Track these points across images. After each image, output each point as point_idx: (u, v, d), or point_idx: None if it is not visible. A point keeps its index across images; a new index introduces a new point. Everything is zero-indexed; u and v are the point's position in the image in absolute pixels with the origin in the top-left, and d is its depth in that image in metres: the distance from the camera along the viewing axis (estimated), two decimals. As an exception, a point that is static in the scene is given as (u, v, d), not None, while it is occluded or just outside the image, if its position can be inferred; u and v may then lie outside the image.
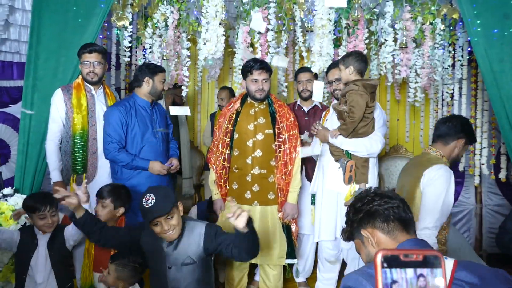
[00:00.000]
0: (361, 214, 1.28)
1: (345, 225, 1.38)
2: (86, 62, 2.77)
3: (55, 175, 2.75)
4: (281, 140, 2.66)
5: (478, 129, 3.80)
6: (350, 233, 1.34)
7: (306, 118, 3.16)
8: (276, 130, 2.67)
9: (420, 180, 2.15)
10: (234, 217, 1.82)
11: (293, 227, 2.75)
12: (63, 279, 2.31)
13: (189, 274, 1.92)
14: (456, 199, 4.42)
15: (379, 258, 0.47)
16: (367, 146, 2.48)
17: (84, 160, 2.77)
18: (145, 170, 2.71)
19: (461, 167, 4.13)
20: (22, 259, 2.29)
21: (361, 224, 1.28)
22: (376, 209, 1.25)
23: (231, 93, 4.14)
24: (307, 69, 3.18)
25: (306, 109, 3.20)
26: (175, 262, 1.93)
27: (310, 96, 3.12)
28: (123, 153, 2.69)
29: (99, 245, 2.21)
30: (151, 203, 1.85)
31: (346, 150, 2.52)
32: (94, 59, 2.78)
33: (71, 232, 2.26)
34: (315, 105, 3.22)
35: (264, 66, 2.62)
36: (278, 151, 2.66)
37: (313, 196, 2.77)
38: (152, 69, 2.81)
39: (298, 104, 3.24)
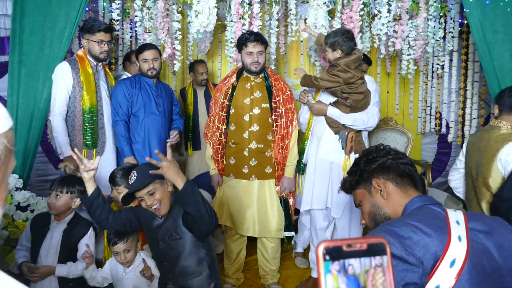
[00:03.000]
0: (375, 164, 1.30)
1: (348, 176, 1.38)
2: (102, 41, 2.76)
3: (65, 150, 2.69)
4: (277, 114, 2.65)
5: (468, 100, 3.86)
6: (356, 182, 1.34)
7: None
8: (273, 104, 2.65)
9: (497, 158, 2.26)
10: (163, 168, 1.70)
11: (291, 201, 2.78)
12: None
13: (178, 250, 1.92)
14: (443, 169, 4.53)
15: (320, 251, 0.44)
16: (365, 120, 2.54)
17: (95, 135, 2.77)
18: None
19: (450, 138, 4.21)
20: (34, 246, 2.25)
21: (373, 174, 1.30)
22: (391, 162, 1.28)
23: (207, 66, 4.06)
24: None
25: None
26: (163, 237, 1.95)
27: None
28: (121, 127, 2.78)
29: (102, 228, 2.15)
30: (132, 179, 1.89)
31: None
32: (108, 38, 2.79)
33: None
34: None
35: (259, 39, 2.57)
36: (274, 125, 2.65)
37: (303, 165, 2.79)
38: (136, 51, 2.93)
39: None
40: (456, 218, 1.12)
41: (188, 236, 1.91)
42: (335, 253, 0.45)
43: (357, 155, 2.49)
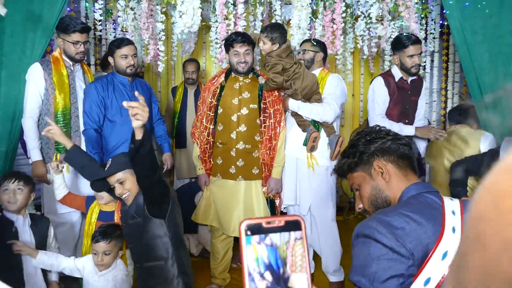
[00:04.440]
0: (375, 145, 1.24)
1: (345, 158, 1.30)
2: (77, 42, 2.66)
3: (34, 154, 2.64)
4: (266, 115, 2.67)
5: (449, 100, 3.94)
6: (355, 164, 1.26)
7: (409, 92, 2.95)
8: (262, 105, 2.67)
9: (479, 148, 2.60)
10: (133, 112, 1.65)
11: (277, 201, 2.80)
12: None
13: (139, 231, 1.95)
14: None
15: (243, 227, 0.48)
16: (320, 112, 2.65)
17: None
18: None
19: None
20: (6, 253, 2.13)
21: (373, 156, 1.23)
22: (391, 144, 1.23)
23: (199, 65, 4.07)
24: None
25: (408, 80, 2.93)
26: (126, 219, 2.01)
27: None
28: (90, 137, 2.65)
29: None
30: (107, 166, 2.00)
31: (312, 120, 2.69)
32: (84, 39, 2.68)
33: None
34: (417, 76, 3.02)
35: (246, 39, 2.59)
36: (263, 126, 2.67)
37: None
38: (111, 47, 2.76)
39: (402, 77, 2.91)
40: (452, 207, 1.10)
41: (150, 219, 1.94)
42: (255, 229, 0.49)
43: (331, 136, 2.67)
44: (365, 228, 1.06)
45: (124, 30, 3.34)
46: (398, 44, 2.84)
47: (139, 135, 1.69)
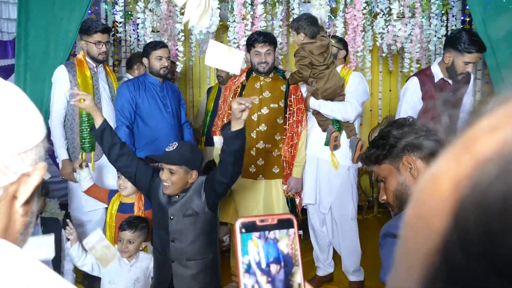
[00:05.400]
0: (406, 140, 1.20)
1: (373, 148, 1.27)
2: (99, 42, 2.73)
3: (62, 153, 2.71)
4: (290, 112, 2.68)
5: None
6: (383, 156, 1.24)
7: (451, 93, 2.63)
8: (288, 102, 2.68)
9: None
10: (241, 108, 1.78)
11: (297, 200, 2.80)
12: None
13: (191, 226, 1.94)
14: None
15: (237, 225, 0.49)
16: (342, 110, 2.62)
17: (92, 138, 2.74)
18: None
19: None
20: None
21: (403, 150, 1.20)
22: (423, 140, 1.19)
23: None
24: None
25: (450, 81, 2.61)
26: (177, 213, 1.96)
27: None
28: (122, 133, 2.71)
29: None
30: (170, 149, 1.92)
31: (332, 120, 2.66)
32: (106, 39, 2.77)
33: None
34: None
35: (267, 39, 2.59)
36: (287, 123, 2.68)
37: None
38: (147, 48, 2.86)
39: (443, 78, 2.59)
40: None
41: (204, 214, 1.94)
42: (250, 227, 0.50)
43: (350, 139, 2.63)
44: (393, 228, 1.06)
45: (154, 30, 3.37)
46: (460, 44, 2.42)
47: (235, 127, 1.82)
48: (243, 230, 0.50)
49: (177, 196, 1.97)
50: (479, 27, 2.70)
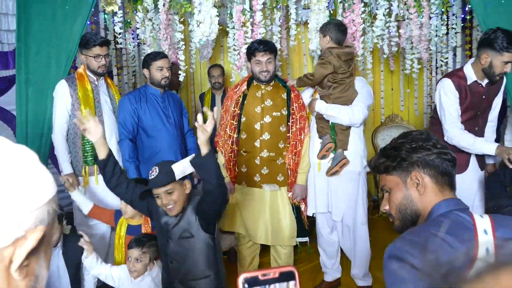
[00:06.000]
0: (418, 155, 1.19)
1: (384, 158, 1.26)
2: (98, 55, 2.74)
3: (66, 167, 2.73)
4: (293, 120, 2.68)
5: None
6: (392, 168, 1.23)
7: (483, 96, 2.55)
8: (290, 110, 2.68)
9: None
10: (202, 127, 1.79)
11: (302, 207, 2.80)
12: None
13: (188, 248, 1.94)
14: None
15: (240, 281, 0.51)
16: (350, 114, 2.59)
17: (95, 151, 2.74)
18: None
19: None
20: None
21: (413, 166, 1.19)
22: (435, 158, 1.18)
23: (223, 70, 4.12)
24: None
25: (483, 84, 2.52)
26: (174, 235, 1.97)
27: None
28: (125, 146, 2.74)
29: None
30: (153, 175, 1.90)
31: (331, 125, 2.64)
32: (105, 52, 2.76)
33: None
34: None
35: (268, 48, 2.58)
36: (290, 131, 2.68)
37: None
38: (147, 59, 2.86)
39: (476, 81, 2.49)
40: (483, 226, 1.07)
41: (200, 235, 1.94)
42: (252, 282, 0.52)
43: (337, 151, 2.62)
44: (398, 250, 1.05)
45: (142, 42, 3.39)
46: (499, 43, 2.31)
47: (204, 151, 1.79)
48: (246, 286, 0.52)
49: (175, 217, 1.97)
50: (480, 28, 2.68)
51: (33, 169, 0.57)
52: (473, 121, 2.55)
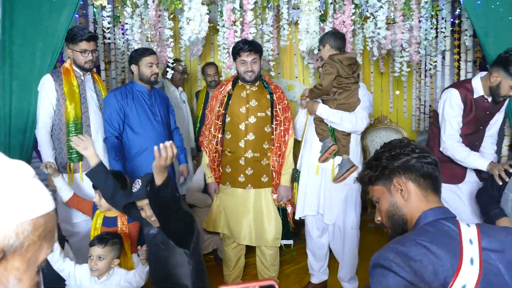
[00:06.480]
0: (398, 162, 1.21)
1: (367, 170, 1.29)
2: (85, 50, 2.68)
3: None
4: (277, 122, 2.66)
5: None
6: (376, 178, 1.26)
7: (487, 112, 2.51)
8: (274, 112, 2.66)
9: None
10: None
11: (289, 209, 2.78)
12: None
13: (164, 261, 1.93)
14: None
15: None
16: (353, 121, 2.57)
17: None
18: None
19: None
20: None
21: (394, 173, 1.22)
22: (415, 162, 1.20)
23: (217, 68, 4.11)
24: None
25: (490, 99, 2.45)
26: (153, 247, 1.98)
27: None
28: (111, 144, 2.71)
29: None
30: (136, 187, 1.89)
31: (331, 129, 2.60)
32: (92, 47, 2.70)
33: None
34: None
35: (253, 48, 2.56)
36: (274, 133, 2.66)
37: (298, 173, 2.81)
38: (135, 55, 2.81)
39: (483, 96, 2.44)
40: (469, 235, 1.08)
41: (175, 250, 1.90)
42: None
43: (340, 157, 2.59)
44: (382, 259, 1.06)
45: (149, 40, 3.34)
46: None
47: (159, 181, 1.65)
48: None
49: (156, 229, 1.95)
50: (470, 32, 2.69)
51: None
52: (475, 135, 2.54)
